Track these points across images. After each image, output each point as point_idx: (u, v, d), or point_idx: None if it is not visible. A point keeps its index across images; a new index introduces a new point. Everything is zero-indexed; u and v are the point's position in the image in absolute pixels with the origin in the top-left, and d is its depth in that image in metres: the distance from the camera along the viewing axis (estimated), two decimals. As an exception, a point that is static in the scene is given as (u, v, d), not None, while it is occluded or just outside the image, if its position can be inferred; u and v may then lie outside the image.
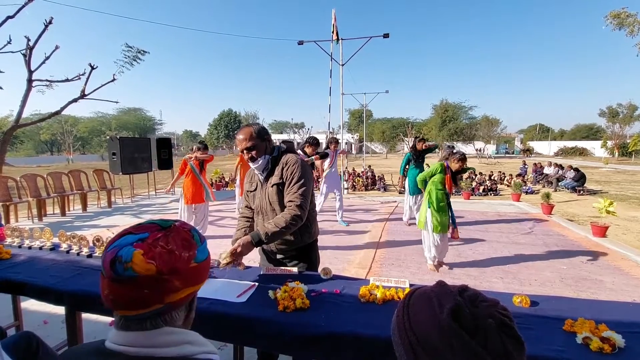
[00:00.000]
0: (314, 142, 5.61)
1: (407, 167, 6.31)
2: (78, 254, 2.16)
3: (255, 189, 2.01)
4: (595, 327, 1.23)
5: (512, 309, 1.46)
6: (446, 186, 4.07)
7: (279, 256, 2.00)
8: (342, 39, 11.09)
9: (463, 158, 4.10)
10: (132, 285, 0.62)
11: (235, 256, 1.72)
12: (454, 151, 4.25)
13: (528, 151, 37.68)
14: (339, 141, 6.65)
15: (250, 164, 1.93)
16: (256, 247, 1.79)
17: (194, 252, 0.69)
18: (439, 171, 4.10)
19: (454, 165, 4.07)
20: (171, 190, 6.00)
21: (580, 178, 11.62)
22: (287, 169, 1.87)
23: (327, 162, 6.35)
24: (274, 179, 1.89)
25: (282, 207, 1.88)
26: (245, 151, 1.85)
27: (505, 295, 1.60)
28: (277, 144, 2.06)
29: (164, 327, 0.65)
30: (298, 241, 1.92)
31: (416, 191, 6.15)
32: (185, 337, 0.67)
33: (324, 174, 6.40)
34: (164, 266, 0.63)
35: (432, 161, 5.40)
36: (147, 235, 0.66)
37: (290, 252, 1.96)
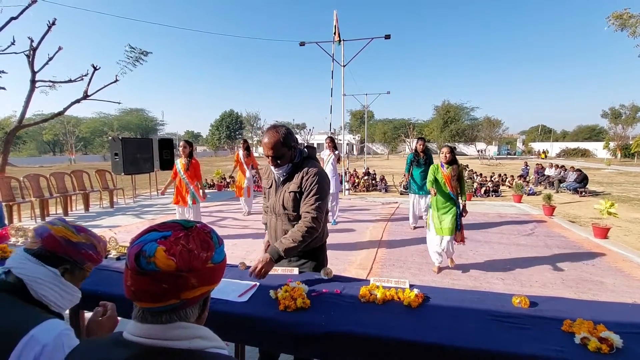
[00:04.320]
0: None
1: (411, 166, 6.23)
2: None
3: (271, 187, 2.01)
4: (593, 328, 1.24)
5: (511, 309, 1.47)
6: (447, 186, 3.97)
7: None
8: (343, 40, 11.12)
9: (447, 148, 4.04)
10: (153, 279, 0.66)
11: (261, 277, 1.71)
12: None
13: (543, 153, 37.23)
14: (334, 140, 6.63)
15: (273, 169, 1.92)
16: (276, 263, 1.77)
17: (212, 253, 0.73)
18: (435, 172, 4.06)
19: (443, 159, 4.02)
20: (165, 192, 5.94)
21: (583, 180, 11.59)
22: (307, 179, 1.85)
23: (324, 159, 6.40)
24: (292, 186, 1.88)
25: (296, 213, 1.89)
26: (270, 158, 1.84)
27: (504, 296, 1.61)
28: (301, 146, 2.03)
29: (178, 322, 0.69)
30: (306, 245, 1.90)
31: (417, 192, 6.12)
32: (197, 331, 0.71)
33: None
34: (183, 264, 0.67)
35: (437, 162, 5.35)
36: (170, 234, 0.70)
37: (298, 253, 1.96)
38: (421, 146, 6.17)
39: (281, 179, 1.93)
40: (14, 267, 0.99)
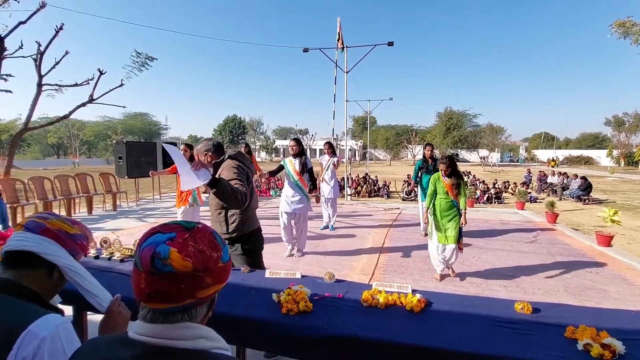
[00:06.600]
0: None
1: (419, 174, 6.16)
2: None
3: None
4: (596, 334, 1.24)
5: (514, 315, 1.47)
6: (450, 194, 3.96)
7: (225, 237, 2.37)
8: (347, 47, 11.19)
9: (443, 159, 4.05)
10: (170, 280, 0.67)
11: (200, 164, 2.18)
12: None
13: (553, 161, 36.98)
14: (332, 145, 6.60)
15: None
16: (210, 186, 2.04)
17: (221, 253, 0.74)
18: (436, 182, 4.05)
19: (442, 171, 4.01)
20: (154, 176, 6.11)
21: (587, 187, 11.54)
22: (222, 173, 2.30)
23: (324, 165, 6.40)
24: None
25: (224, 205, 2.29)
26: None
27: (507, 302, 1.61)
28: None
29: (185, 321, 0.70)
30: (238, 229, 2.38)
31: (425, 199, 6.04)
32: (201, 332, 0.72)
33: (321, 178, 6.38)
34: (199, 264, 0.69)
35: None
36: (174, 235, 0.71)
37: (231, 236, 2.38)
38: (429, 152, 6.10)
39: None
40: (14, 247, 0.94)
